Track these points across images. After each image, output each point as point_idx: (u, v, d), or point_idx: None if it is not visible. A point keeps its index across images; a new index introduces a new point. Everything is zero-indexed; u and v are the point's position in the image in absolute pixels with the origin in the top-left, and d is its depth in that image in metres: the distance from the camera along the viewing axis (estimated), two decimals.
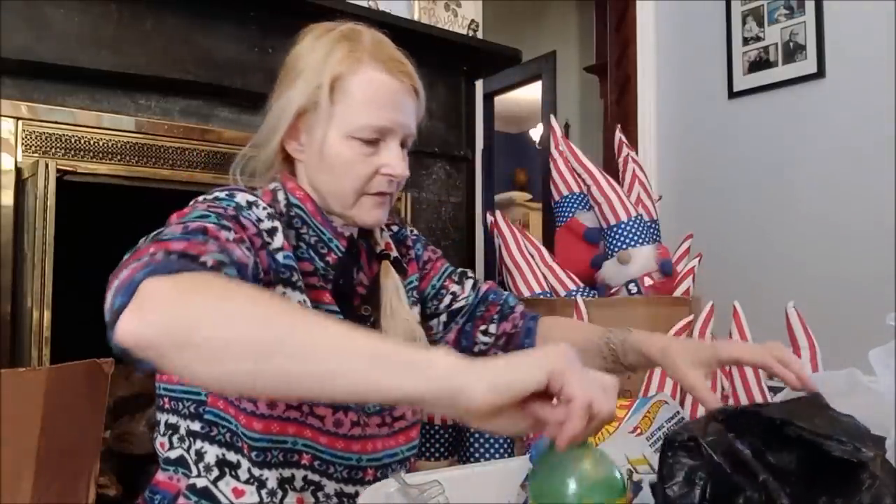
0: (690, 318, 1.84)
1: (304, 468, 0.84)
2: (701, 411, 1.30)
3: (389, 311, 0.95)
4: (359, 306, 0.95)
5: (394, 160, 0.89)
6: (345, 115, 0.88)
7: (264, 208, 0.84)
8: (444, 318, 1.07)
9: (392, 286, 0.97)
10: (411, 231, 1.10)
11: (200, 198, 0.82)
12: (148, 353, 0.58)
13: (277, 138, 0.91)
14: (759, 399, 1.79)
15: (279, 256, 0.83)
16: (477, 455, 1.80)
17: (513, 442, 1.80)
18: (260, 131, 0.94)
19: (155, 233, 0.71)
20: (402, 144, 0.92)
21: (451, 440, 1.87)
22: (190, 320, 0.56)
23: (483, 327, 1.06)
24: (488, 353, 1.07)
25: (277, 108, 0.91)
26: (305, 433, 0.84)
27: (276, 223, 0.84)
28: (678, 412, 0.84)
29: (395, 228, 1.06)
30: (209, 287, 0.60)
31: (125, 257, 0.66)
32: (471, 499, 0.80)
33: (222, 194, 0.82)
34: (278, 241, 0.83)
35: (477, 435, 1.81)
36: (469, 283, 1.09)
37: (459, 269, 1.12)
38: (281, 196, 0.91)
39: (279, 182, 0.93)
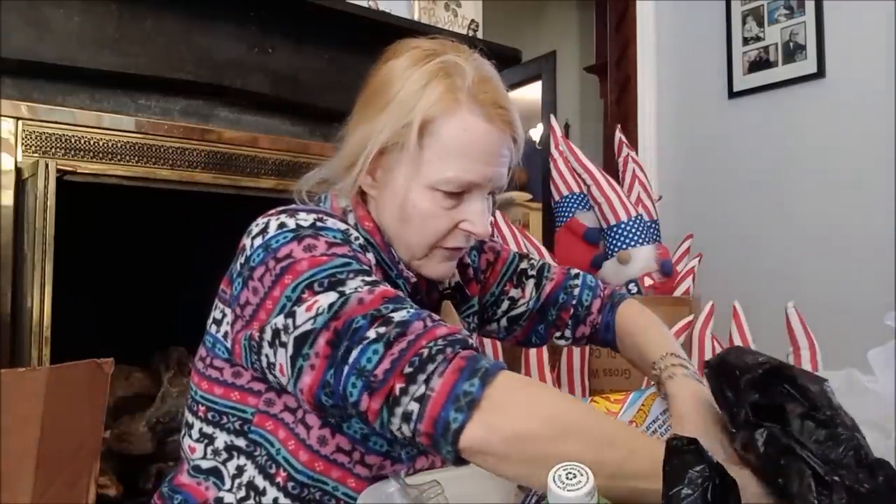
0: (690, 318, 1.84)
1: None
2: None
3: None
4: None
5: (476, 216, 0.81)
6: (431, 163, 0.79)
7: (356, 238, 0.77)
8: (504, 322, 1.03)
9: None
10: None
11: (291, 223, 0.74)
12: (487, 459, 0.61)
13: (355, 174, 0.82)
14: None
15: None
16: None
17: None
18: (337, 157, 0.85)
19: (342, 303, 0.66)
20: (490, 193, 0.84)
21: None
22: (540, 437, 0.60)
23: (558, 333, 1.03)
24: (569, 345, 1.07)
25: (360, 138, 0.82)
26: (349, 482, 0.80)
27: (370, 254, 0.78)
28: (661, 414, 0.84)
29: None
30: (539, 392, 0.64)
31: (374, 354, 0.63)
32: (471, 499, 0.80)
33: (312, 219, 0.75)
34: (375, 274, 0.76)
35: None
36: (530, 285, 1.03)
37: (520, 267, 1.04)
38: (350, 219, 0.84)
39: (351, 203, 0.85)
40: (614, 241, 2.05)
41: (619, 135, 2.31)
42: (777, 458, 0.56)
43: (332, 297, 0.66)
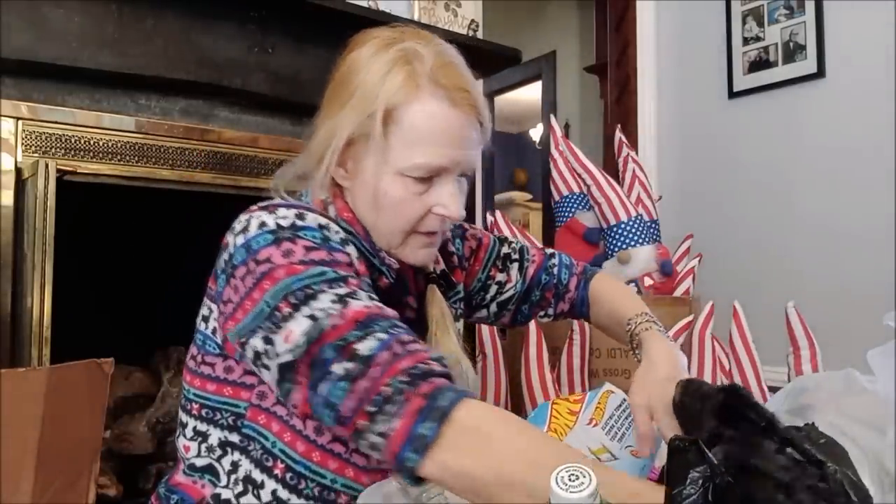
0: (690, 318, 1.84)
1: None
2: None
3: (434, 343, 0.91)
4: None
5: (448, 199, 0.82)
6: (398, 150, 0.79)
7: (336, 231, 0.79)
8: (493, 308, 1.06)
9: (438, 315, 0.92)
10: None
11: (271, 222, 0.75)
12: (445, 487, 0.67)
13: (325, 168, 0.83)
14: (758, 398, 1.79)
15: (363, 281, 0.78)
16: None
17: None
18: (307, 152, 0.86)
19: (315, 332, 0.68)
20: (461, 176, 0.85)
21: None
22: (481, 478, 0.62)
23: (542, 312, 1.09)
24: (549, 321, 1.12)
25: (327, 131, 0.83)
26: (347, 472, 0.80)
27: (350, 248, 0.79)
28: (624, 399, 0.86)
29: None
30: (498, 435, 0.64)
31: (341, 390, 0.66)
32: None
33: (292, 216, 0.76)
34: (357, 266, 0.79)
35: None
36: (514, 269, 1.06)
37: (503, 252, 1.07)
38: (331, 211, 0.85)
39: (329, 195, 0.86)
40: (614, 241, 2.05)
41: (619, 135, 2.31)
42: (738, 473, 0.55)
43: (304, 325, 0.68)
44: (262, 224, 0.76)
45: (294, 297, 0.70)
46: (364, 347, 0.67)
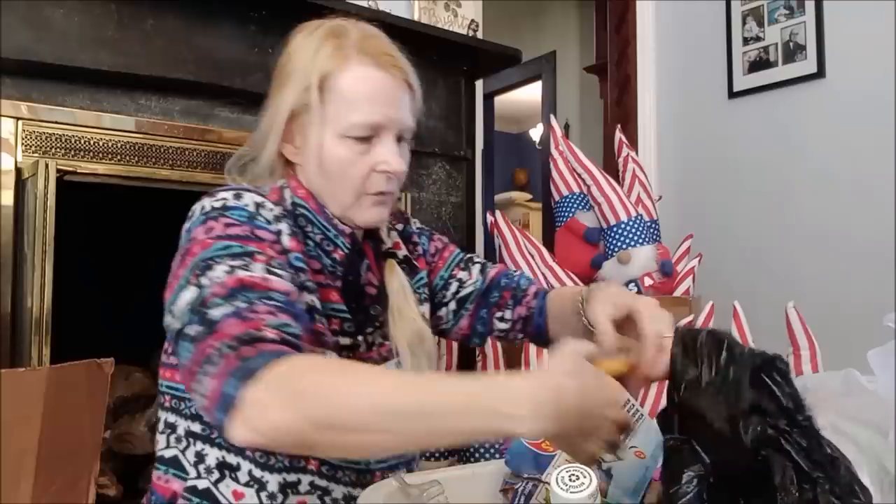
0: (690, 318, 1.84)
1: (312, 473, 0.83)
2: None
3: (397, 312, 0.95)
4: (369, 306, 0.95)
5: (389, 156, 0.88)
6: (336, 114, 0.86)
7: (271, 209, 0.84)
8: (452, 306, 1.07)
9: (397, 286, 0.97)
10: (415, 223, 1.09)
11: (208, 205, 0.81)
12: (261, 448, 0.68)
13: (272, 143, 0.90)
14: None
15: (291, 258, 0.83)
16: (477, 455, 1.80)
17: None
18: (255, 135, 0.93)
19: (197, 301, 0.72)
20: (400, 139, 0.91)
21: None
22: (299, 429, 0.62)
23: (499, 314, 1.07)
24: (507, 336, 1.09)
25: (271, 112, 0.91)
26: None
27: (282, 225, 0.84)
28: (628, 399, 0.86)
29: (400, 227, 1.05)
30: (308, 383, 0.64)
31: (188, 351, 0.69)
32: (471, 499, 0.80)
33: (230, 197, 0.82)
34: (287, 242, 0.83)
35: None
36: (476, 268, 1.08)
37: (467, 256, 1.11)
38: (287, 194, 0.90)
39: (286, 179, 0.92)
40: (614, 241, 2.05)
41: (619, 135, 2.31)
42: (759, 448, 0.56)
43: (192, 294, 0.73)
44: (202, 208, 0.82)
45: (198, 270, 0.74)
46: (217, 313, 0.69)
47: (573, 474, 0.47)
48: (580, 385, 0.61)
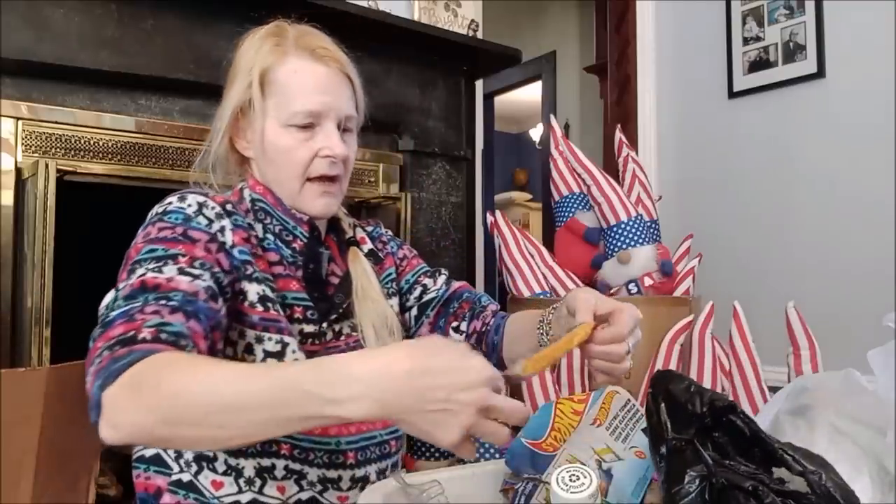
0: (690, 318, 1.84)
1: (284, 458, 0.85)
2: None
3: (361, 294, 0.98)
4: (333, 295, 0.96)
5: (330, 140, 0.92)
6: (277, 105, 0.91)
7: (213, 208, 0.87)
8: (415, 311, 1.09)
9: (360, 270, 1.00)
10: (387, 232, 1.13)
11: (154, 210, 0.86)
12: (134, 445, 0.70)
13: (222, 140, 0.95)
14: (758, 398, 1.79)
15: (235, 252, 0.86)
16: (476, 455, 1.80)
17: None
18: (209, 135, 0.98)
19: (111, 303, 0.75)
20: (343, 129, 0.94)
21: None
22: (147, 425, 0.64)
23: (455, 324, 1.08)
24: None
25: (221, 111, 0.96)
26: None
27: (225, 221, 0.87)
28: (629, 400, 0.86)
29: (369, 228, 1.10)
30: (155, 380, 0.65)
31: (95, 336, 0.72)
32: (471, 499, 0.80)
33: (175, 200, 0.86)
34: (229, 237, 0.86)
35: None
36: (441, 279, 1.11)
37: (435, 269, 1.14)
38: (246, 193, 0.95)
39: (245, 178, 0.98)
40: (614, 241, 2.05)
41: (619, 135, 2.31)
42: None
43: (109, 297, 0.77)
44: (150, 213, 0.87)
45: (125, 273, 0.79)
46: (113, 315, 0.72)
47: (573, 474, 0.47)
48: (417, 366, 0.60)
